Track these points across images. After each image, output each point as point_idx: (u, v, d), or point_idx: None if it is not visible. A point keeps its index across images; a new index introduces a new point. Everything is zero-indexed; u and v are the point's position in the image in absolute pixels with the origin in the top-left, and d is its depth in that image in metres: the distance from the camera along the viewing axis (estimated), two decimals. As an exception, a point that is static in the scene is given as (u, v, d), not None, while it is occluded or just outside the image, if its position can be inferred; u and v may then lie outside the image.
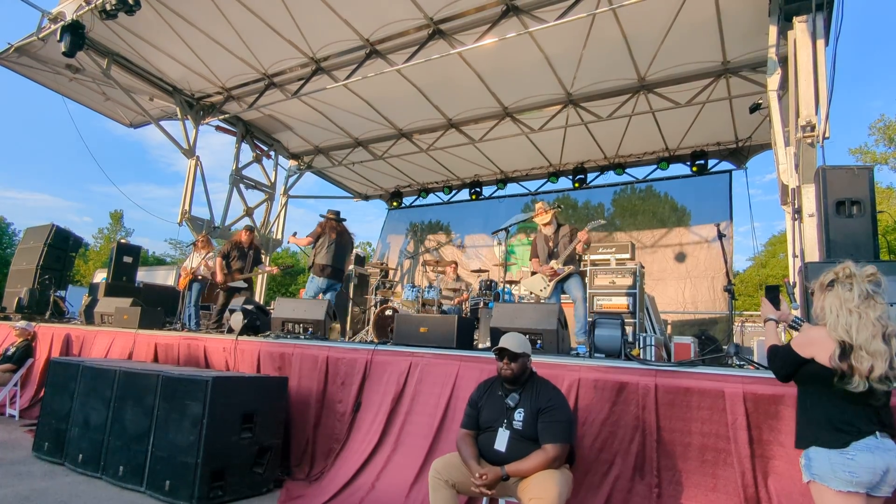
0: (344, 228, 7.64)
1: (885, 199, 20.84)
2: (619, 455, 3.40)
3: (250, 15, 8.07)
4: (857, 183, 3.91)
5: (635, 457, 3.37)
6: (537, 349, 4.27)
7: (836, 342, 2.25)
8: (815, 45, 5.21)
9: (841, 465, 2.19)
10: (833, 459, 2.21)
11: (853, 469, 2.17)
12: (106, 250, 33.84)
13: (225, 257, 8.01)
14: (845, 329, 2.25)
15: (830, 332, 2.29)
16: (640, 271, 7.35)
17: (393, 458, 4.22)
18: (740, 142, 10.47)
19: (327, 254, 7.25)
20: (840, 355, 2.22)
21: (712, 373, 3.42)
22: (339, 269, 7.38)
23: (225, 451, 4.09)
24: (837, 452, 2.21)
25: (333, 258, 7.27)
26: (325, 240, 7.32)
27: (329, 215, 7.64)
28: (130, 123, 11.92)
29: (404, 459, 4.15)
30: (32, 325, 7.48)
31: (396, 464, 4.16)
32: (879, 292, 2.31)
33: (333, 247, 7.30)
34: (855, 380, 2.21)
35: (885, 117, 22.02)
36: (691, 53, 8.11)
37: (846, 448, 2.20)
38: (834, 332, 2.28)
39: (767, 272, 30.36)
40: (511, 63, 8.72)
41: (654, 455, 3.31)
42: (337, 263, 7.32)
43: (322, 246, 7.30)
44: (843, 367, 2.21)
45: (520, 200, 13.35)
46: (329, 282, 7.29)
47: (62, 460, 4.83)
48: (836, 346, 2.25)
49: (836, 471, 2.19)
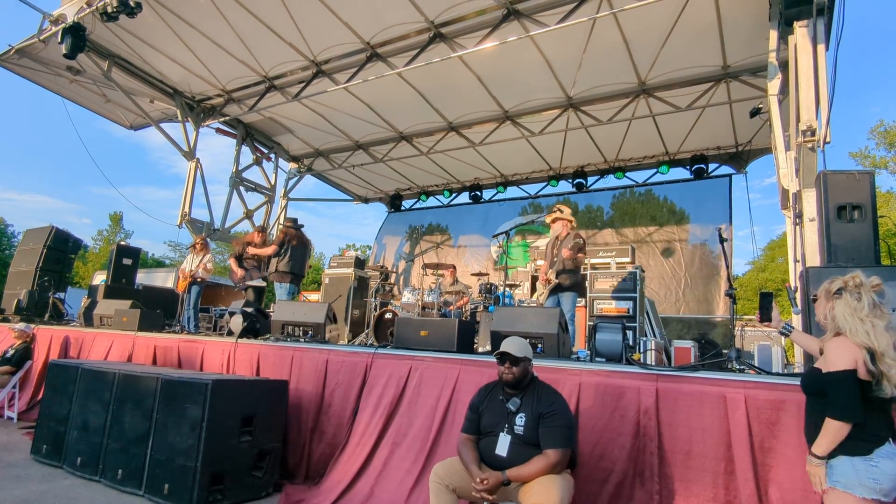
0: (303, 235, 8.10)
1: (885, 203, 20.88)
2: (619, 461, 3.39)
3: (251, 17, 8.08)
4: (859, 188, 3.91)
5: (636, 462, 3.36)
6: (538, 353, 4.27)
7: (863, 348, 2.26)
8: (816, 49, 5.21)
9: (865, 473, 2.19)
10: (858, 467, 2.21)
11: (877, 476, 2.18)
12: (105, 252, 33.79)
13: (238, 258, 8.32)
14: (865, 335, 2.26)
15: (852, 339, 2.29)
16: (640, 275, 7.34)
17: (392, 462, 4.21)
18: (740, 146, 10.49)
19: (290, 261, 7.70)
20: (871, 360, 2.24)
21: (713, 377, 3.42)
22: (299, 274, 7.88)
23: (224, 454, 4.07)
24: (862, 460, 2.21)
25: (295, 265, 7.77)
26: (287, 247, 7.74)
27: (288, 223, 8.15)
28: (131, 125, 11.92)
29: (404, 464, 4.14)
30: (31, 327, 7.46)
31: (396, 468, 4.15)
32: (884, 302, 2.36)
33: (295, 253, 7.77)
34: (885, 386, 2.23)
35: (885, 122, 22.16)
36: (692, 58, 8.13)
37: (870, 455, 2.21)
38: (855, 337, 2.29)
39: (767, 276, 30.35)
40: (511, 66, 8.73)
41: (654, 461, 3.29)
42: (298, 270, 7.83)
43: (284, 254, 7.72)
44: (876, 372, 2.23)
45: (520, 204, 13.38)
46: (292, 287, 7.72)
47: (60, 463, 4.81)
48: (863, 352, 2.25)
49: (861, 478, 2.19)
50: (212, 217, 11.51)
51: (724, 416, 3.22)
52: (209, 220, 11.42)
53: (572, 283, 6.10)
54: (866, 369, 2.24)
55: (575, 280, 6.11)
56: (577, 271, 6.15)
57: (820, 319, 2.56)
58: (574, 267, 6.08)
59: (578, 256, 6.05)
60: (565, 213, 6.45)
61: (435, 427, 4.14)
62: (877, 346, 2.24)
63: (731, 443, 3.13)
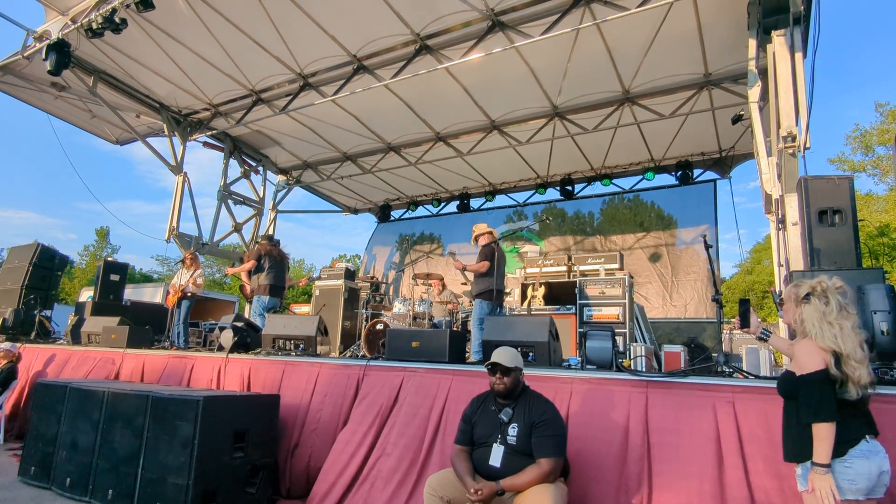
0: (280, 251, 8.37)
1: (865, 205, 21.24)
2: (611, 468, 3.41)
3: (237, 31, 8.11)
4: (839, 192, 4.00)
5: (628, 468, 3.38)
6: (529, 362, 4.29)
7: (829, 352, 2.31)
8: (794, 58, 5.33)
9: (841, 475, 2.22)
10: (834, 469, 2.23)
11: (852, 477, 2.21)
12: (92, 268, 33.36)
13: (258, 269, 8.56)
14: (832, 339, 2.31)
15: (819, 343, 2.34)
16: (629, 281, 7.41)
17: (384, 474, 4.19)
18: (724, 151, 10.65)
19: (269, 275, 8.00)
20: (836, 364, 2.28)
21: (702, 382, 3.46)
22: (280, 287, 8.16)
23: (217, 471, 4.04)
24: (837, 462, 2.24)
25: (275, 278, 8.04)
26: (266, 262, 8.02)
27: (264, 241, 8.47)
28: (117, 140, 11.86)
29: (396, 475, 4.11)
30: (17, 347, 7.36)
31: (388, 480, 4.13)
32: (849, 302, 2.42)
33: (273, 267, 8.08)
34: (850, 387, 2.27)
35: (860, 126, 22.62)
36: (674, 66, 8.27)
37: (844, 457, 2.24)
38: (822, 342, 2.34)
39: (753, 279, 30.67)
40: (497, 77, 8.82)
41: (645, 465, 3.32)
42: (279, 283, 8.12)
43: (264, 269, 8.01)
44: (840, 375, 2.27)
45: (508, 212, 13.46)
46: (273, 300, 8.01)
47: (49, 485, 4.73)
48: (829, 355, 2.30)
49: (838, 480, 2.21)
50: (200, 231, 11.44)
51: (714, 419, 3.26)
52: (198, 234, 11.35)
53: (479, 291, 6.37)
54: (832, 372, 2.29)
55: (482, 288, 6.36)
56: (485, 279, 6.36)
57: (789, 322, 2.62)
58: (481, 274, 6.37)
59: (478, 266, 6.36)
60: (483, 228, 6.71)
61: (428, 438, 4.13)
62: (843, 349, 2.29)
63: (720, 446, 3.16)
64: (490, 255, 6.36)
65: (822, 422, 2.23)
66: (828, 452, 2.21)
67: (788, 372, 2.49)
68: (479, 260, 6.41)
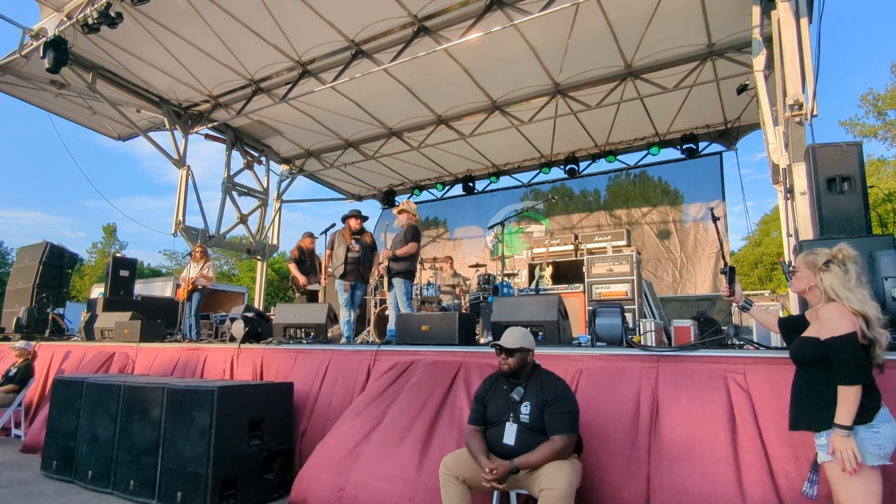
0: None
1: (876, 171, 20.95)
2: (623, 441, 3.42)
3: (233, 21, 8.04)
4: (847, 159, 3.94)
5: (639, 442, 3.39)
6: (539, 341, 4.30)
7: (859, 316, 2.29)
8: (799, 23, 5.23)
9: (870, 440, 2.20)
10: (862, 435, 2.21)
11: (881, 442, 2.21)
12: (101, 265, 33.66)
13: (300, 263, 8.68)
14: (860, 302, 2.31)
15: (848, 305, 2.33)
16: (636, 258, 7.37)
17: (397, 455, 4.22)
18: (729, 123, 10.52)
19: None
20: (867, 326, 2.28)
21: (713, 355, 3.46)
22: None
23: (235, 459, 4.11)
24: (865, 427, 2.22)
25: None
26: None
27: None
28: (119, 136, 11.87)
29: (408, 459, 4.15)
30: (32, 345, 7.45)
31: (401, 464, 4.16)
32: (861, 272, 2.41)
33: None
34: (878, 352, 2.28)
35: (874, 90, 22.18)
36: (676, 37, 8.13)
37: (872, 422, 2.22)
38: (852, 304, 2.32)
39: (762, 251, 30.47)
40: (497, 56, 8.72)
41: (657, 441, 3.33)
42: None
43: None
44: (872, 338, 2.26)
45: (513, 193, 13.41)
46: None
47: (72, 478, 4.83)
48: (859, 318, 2.29)
49: (867, 446, 2.19)
50: (206, 224, 11.48)
51: (725, 390, 3.26)
52: (204, 227, 11.39)
53: (402, 270, 6.51)
54: (863, 335, 2.27)
55: (405, 267, 6.52)
56: (409, 259, 6.55)
57: (801, 290, 2.59)
58: (404, 255, 6.49)
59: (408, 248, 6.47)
60: (411, 207, 6.84)
61: (443, 419, 4.16)
62: (870, 312, 2.29)
63: (734, 416, 3.17)
64: (416, 235, 6.60)
65: (859, 384, 2.19)
66: (852, 414, 2.18)
67: (807, 338, 2.44)
68: (408, 240, 6.52)
